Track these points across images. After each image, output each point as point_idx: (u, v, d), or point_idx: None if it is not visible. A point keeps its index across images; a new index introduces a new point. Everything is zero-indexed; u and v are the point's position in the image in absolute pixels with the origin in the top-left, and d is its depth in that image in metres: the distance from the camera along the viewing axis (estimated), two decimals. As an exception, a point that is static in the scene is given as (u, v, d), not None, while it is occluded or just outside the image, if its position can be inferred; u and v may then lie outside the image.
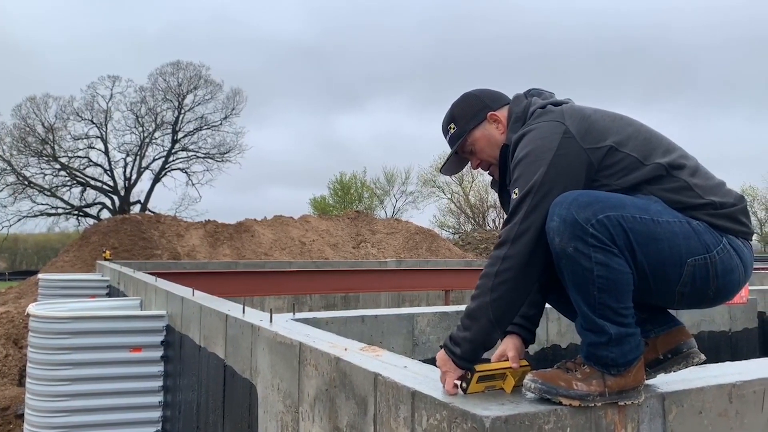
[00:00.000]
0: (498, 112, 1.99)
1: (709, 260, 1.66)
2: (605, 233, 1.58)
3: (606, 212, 1.59)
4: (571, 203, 1.60)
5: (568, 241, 1.58)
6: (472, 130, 1.99)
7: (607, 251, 1.57)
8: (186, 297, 4.67)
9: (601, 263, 1.57)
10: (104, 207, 34.89)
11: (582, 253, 1.57)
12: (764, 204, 46.95)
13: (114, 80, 34.50)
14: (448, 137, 2.05)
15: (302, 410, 2.53)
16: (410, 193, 44.76)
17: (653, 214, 1.65)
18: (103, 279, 9.82)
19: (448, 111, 2.07)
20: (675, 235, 1.64)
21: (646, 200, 1.69)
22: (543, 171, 1.68)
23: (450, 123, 2.04)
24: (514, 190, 1.71)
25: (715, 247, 1.67)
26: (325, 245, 20.58)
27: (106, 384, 5.06)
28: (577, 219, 1.58)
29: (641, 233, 1.61)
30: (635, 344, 1.63)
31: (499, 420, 1.51)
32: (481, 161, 2.03)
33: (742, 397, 1.90)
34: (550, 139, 1.73)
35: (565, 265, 1.61)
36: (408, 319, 3.90)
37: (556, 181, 1.67)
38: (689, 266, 1.64)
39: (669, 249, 1.63)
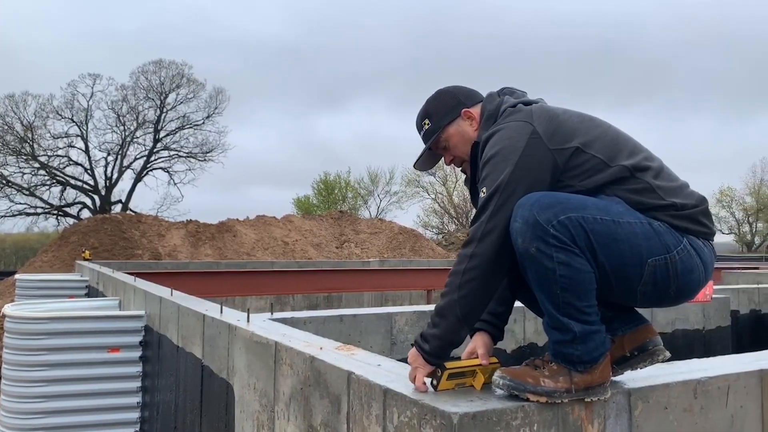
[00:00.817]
0: (472, 110, 2.01)
1: (669, 260, 1.70)
2: (566, 234, 1.61)
3: (567, 213, 1.62)
4: (533, 204, 1.63)
5: (531, 241, 1.61)
6: (446, 126, 2.02)
7: (568, 251, 1.61)
8: (164, 297, 4.64)
9: (563, 263, 1.60)
10: (84, 206, 34.47)
11: (544, 254, 1.60)
12: (742, 205, 47.72)
13: (95, 78, 34.13)
14: (422, 133, 2.07)
15: (278, 409, 2.54)
16: (394, 193, 44.84)
17: (614, 215, 1.68)
18: (82, 279, 9.71)
19: (423, 107, 2.09)
20: (636, 235, 1.67)
21: (608, 201, 1.72)
22: (509, 171, 1.71)
23: (424, 119, 2.06)
24: (482, 188, 1.74)
25: (676, 248, 1.71)
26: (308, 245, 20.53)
27: (84, 385, 5.02)
28: (538, 220, 1.61)
29: (602, 234, 1.64)
30: (600, 341, 1.66)
31: (467, 416, 1.53)
32: (454, 157, 2.05)
33: (706, 392, 1.95)
34: (518, 139, 1.76)
35: (528, 265, 1.64)
36: (386, 318, 3.92)
37: (521, 181, 1.70)
38: (650, 266, 1.68)
39: (630, 249, 1.66)
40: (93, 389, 5.04)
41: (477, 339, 1.90)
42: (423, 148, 2.08)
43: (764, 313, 6.31)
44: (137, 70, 34.91)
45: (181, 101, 35.50)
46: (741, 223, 48.12)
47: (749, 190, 47.28)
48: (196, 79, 35.62)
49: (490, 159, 1.76)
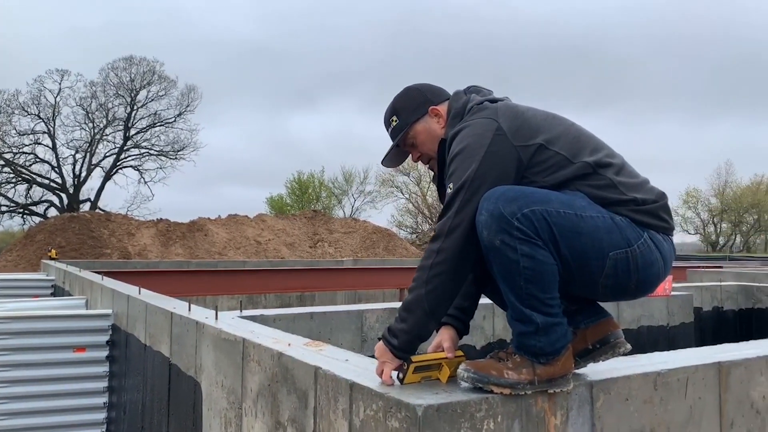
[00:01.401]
0: (439, 107, 2.03)
1: (630, 254, 1.73)
2: (530, 226, 1.64)
3: (531, 206, 1.65)
4: (498, 198, 1.66)
5: (495, 234, 1.64)
6: (414, 123, 2.03)
7: (532, 243, 1.64)
8: (132, 295, 4.58)
9: (526, 255, 1.63)
10: (51, 205, 33.74)
11: (508, 246, 1.63)
12: (707, 206, 48.91)
13: (62, 74, 33.44)
14: (390, 129, 2.08)
15: (245, 406, 2.53)
16: (368, 193, 44.79)
17: (577, 209, 1.71)
18: (47, 278, 9.51)
19: (391, 104, 2.10)
20: (598, 229, 1.71)
21: (571, 196, 1.75)
22: (474, 167, 1.73)
23: (392, 115, 2.07)
24: (449, 184, 1.76)
25: (636, 241, 1.75)
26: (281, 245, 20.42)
27: (49, 385, 4.92)
28: (503, 213, 1.63)
29: (565, 227, 1.67)
30: (562, 333, 1.69)
31: (432, 408, 1.54)
32: (422, 154, 2.06)
33: (666, 384, 1.99)
34: (483, 136, 1.78)
35: (493, 257, 1.67)
36: (357, 315, 3.93)
37: (486, 178, 1.72)
38: (611, 259, 1.72)
39: (591, 242, 1.70)
40: (59, 390, 4.94)
41: (443, 333, 1.92)
42: (391, 145, 2.09)
43: (726, 310, 6.49)
44: (107, 66, 34.34)
45: (152, 98, 35.03)
46: (706, 224, 49.34)
47: (714, 192, 48.55)
48: (167, 76, 35.19)
49: (457, 155, 1.78)
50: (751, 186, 47.47)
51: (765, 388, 2.24)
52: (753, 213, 46.87)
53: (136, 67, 34.61)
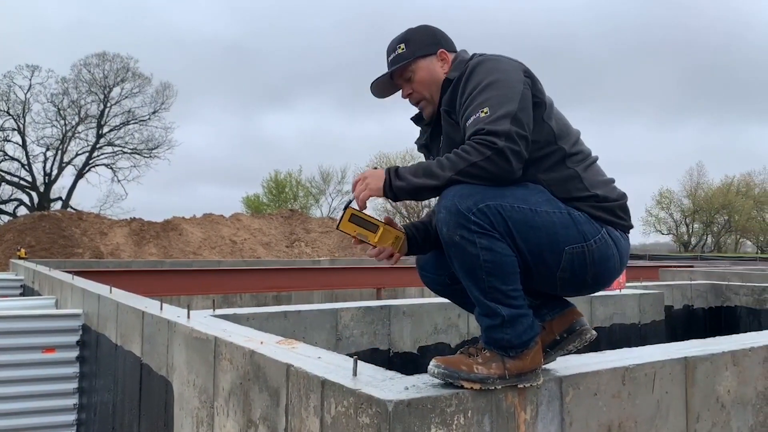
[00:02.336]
0: (448, 54, 2.02)
1: (587, 248, 1.78)
2: (485, 220, 1.67)
3: (486, 201, 1.68)
4: (454, 195, 1.69)
5: (454, 229, 1.66)
6: (420, 57, 1.99)
7: (490, 236, 1.67)
8: (103, 295, 4.50)
9: (485, 248, 1.66)
10: (21, 203, 33.01)
11: (467, 240, 1.66)
12: (679, 206, 49.84)
13: (33, 70, 32.76)
14: (392, 56, 2.01)
15: (217, 405, 2.50)
16: (346, 192, 44.69)
17: (532, 204, 1.75)
18: (16, 278, 9.30)
19: (402, 33, 2.04)
20: (553, 224, 1.75)
21: (527, 191, 1.78)
22: (517, 101, 1.74)
23: (401, 43, 2.01)
24: (483, 109, 1.73)
25: (593, 237, 1.80)
26: (257, 244, 20.27)
27: (17, 387, 4.80)
28: (459, 209, 1.66)
29: (519, 221, 1.71)
30: (528, 325, 1.72)
31: (402, 404, 1.55)
32: (413, 92, 2.01)
33: (634, 379, 2.03)
34: (515, 73, 1.81)
35: (454, 253, 1.69)
36: (331, 314, 3.91)
37: (526, 109, 1.75)
38: (567, 254, 1.76)
39: (547, 236, 1.74)
40: (27, 391, 4.82)
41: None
42: (387, 71, 2.02)
43: (696, 308, 6.62)
44: (79, 62, 33.73)
45: (126, 96, 34.49)
46: (678, 224, 50.27)
47: (686, 193, 49.48)
48: (141, 73, 34.68)
49: (490, 84, 1.77)
50: (721, 187, 48.51)
51: (730, 382, 2.29)
52: (723, 214, 47.90)
53: (109, 63, 34.09)
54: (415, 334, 4.16)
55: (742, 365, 2.33)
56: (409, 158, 43.68)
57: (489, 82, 1.78)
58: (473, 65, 1.87)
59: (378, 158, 44.40)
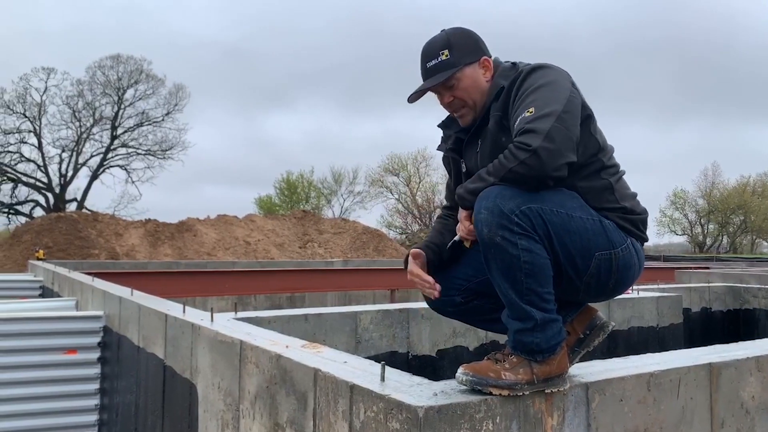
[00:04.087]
0: (490, 61, 2.02)
1: (614, 255, 1.84)
2: (527, 222, 1.70)
3: (528, 204, 1.71)
4: (496, 196, 1.71)
5: (496, 230, 1.68)
6: (466, 65, 1.97)
7: (530, 238, 1.70)
8: (124, 297, 4.56)
9: (526, 249, 1.69)
10: (37, 205, 33.41)
11: (509, 241, 1.68)
12: (694, 207, 49.41)
13: (49, 72, 33.13)
14: (434, 62, 1.96)
15: (243, 408, 2.54)
16: (358, 193, 44.82)
17: (568, 210, 1.79)
18: (35, 279, 9.42)
19: (443, 37, 1.99)
20: (586, 230, 1.80)
21: (563, 196, 1.82)
22: (562, 104, 1.76)
23: (444, 48, 1.96)
24: (528, 109, 1.76)
25: (620, 245, 1.86)
26: (270, 245, 20.37)
27: (40, 388, 4.87)
28: (502, 210, 1.69)
29: (557, 225, 1.75)
30: (557, 330, 1.75)
31: (432, 410, 1.57)
32: (455, 99, 1.99)
33: (659, 385, 2.04)
34: (565, 80, 1.85)
35: (493, 254, 1.71)
36: (351, 317, 3.94)
37: (572, 115, 1.78)
38: (596, 259, 1.81)
39: (580, 241, 1.78)
40: (49, 392, 4.90)
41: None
42: (431, 78, 1.97)
43: (714, 310, 6.58)
44: (94, 64, 34.06)
45: (139, 97, 34.80)
46: (693, 225, 49.84)
47: (701, 193, 49.05)
48: (155, 75, 34.96)
49: (541, 87, 1.80)
50: (737, 187, 48.04)
51: (754, 388, 2.28)
52: (739, 214, 47.43)
53: (123, 65, 34.41)
54: (434, 337, 4.18)
55: (766, 371, 2.32)
56: (420, 158, 43.72)
57: (539, 85, 1.82)
58: (526, 71, 1.89)
59: (390, 159, 44.44)
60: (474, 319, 2.14)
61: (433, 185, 43.69)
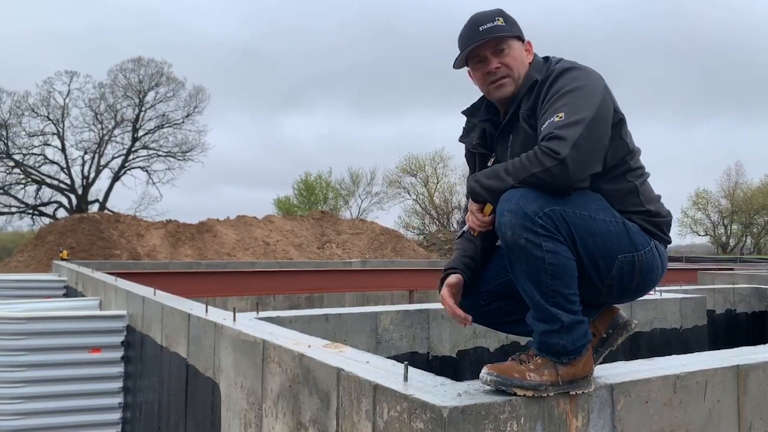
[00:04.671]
0: (532, 45, 2.04)
1: (637, 258, 1.82)
2: (551, 224, 1.69)
3: (551, 206, 1.70)
4: (519, 198, 1.70)
5: (520, 232, 1.68)
6: (517, 38, 1.99)
7: (555, 239, 1.69)
8: (147, 297, 4.62)
9: (551, 251, 1.68)
10: (61, 206, 33.97)
11: (533, 243, 1.67)
12: (717, 207, 48.65)
13: (71, 76, 33.66)
14: (489, 25, 1.95)
15: (265, 407, 2.56)
16: (375, 194, 44.85)
17: (591, 212, 1.78)
18: (59, 279, 9.57)
19: (496, 9, 2.01)
20: (609, 232, 1.79)
21: (586, 198, 1.80)
22: (593, 110, 1.75)
23: (499, 16, 1.98)
24: (558, 113, 1.75)
25: (643, 248, 1.84)
26: (289, 245, 20.47)
27: (64, 386, 4.96)
28: (526, 212, 1.68)
29: (580, 227, 1.74)
30: (584, 332, 1.74)
31: (457, 410, 1.57)
32: (501, 66, 1.96)
33: (685, 387, 2.01)
34: (598, 85, 1.84)
35: (517, 257, 1.70)
36: (371, 317, 3.95)
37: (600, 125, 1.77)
38: (619, 261, 1.80)
39: (603, 243, 1.77)
40: (74, 390, 4.99)
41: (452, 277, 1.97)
42: (485, 38, 1.94)
43: (738, 312, 6.47)
44: (115, 67, 34.52)
45: (160, 100, 35.19)
46: (716, 225, 49.07)
47: (724, 193, 48.26)
48: (175, 77, 35.34)
49: (573, 90, 1.79)
50: (761, 187, 47.19)
51: (783, 390, 2.24)
52: (764, 214, 46.58)
53: (144, 68, 34.83)
54: (454, 338, 4.17)
55: (795, 374, 2.28)
56: (438, 159, 43.64)
57: (571, 89, 1.80)
58: (559, 71, 1.87)
59: (407, 160, 44.41)
60: (494, 322, 2.13)
61: (450, 186, 43.62)
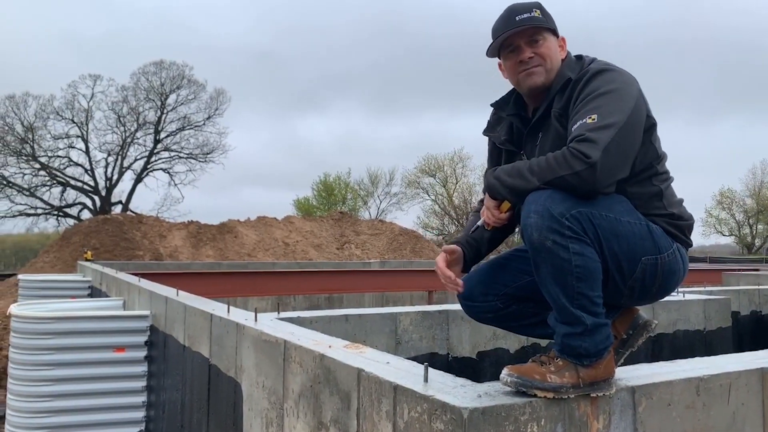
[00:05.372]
0: (566, 42, 2.03)
1: (660, 260, 1.82)
2: (578, 225, 1.69)
3: (578, 207, 1.70)
4: (545, 200, 1.69)
5: (547, 234, 1.67)
6: (552, 31, 1.98)
7: (582, 241, 1.68)
8: (170, 297, 4.69)
9: (578, 253, 1.67)
10: (85, 207, 34.50)
11: (560, 245, 1.67)
12: (742, 207, 47.75)
13: (95, 79, 34.18)
14: (526, 15, 1.93)
15: (287, 406, 2.58)
16: (394, 195, 44.84)
17: (617, 214, 1.78)
18: (84, 280, 9.74)
19: (534, 1, 1.99)
20: (634, 234, 1.79)
21: (610, 200, 1.80)
22: (626, 115, 1.74)
23: (536, 9, 1.96)
24: (591, 116, 1.73)
25: (666, 250, 1.84)
26: (308, 246, 20.57)
27: (89, 384, 5.05)
28: (553, 213, 1.67)
29: (606, 229, 1.74)
30: (606, 335, 1.74)
31: (477, 411, 1.57)
32: (535, 56, 1.94)
33: (708, 390, 1.99)
34: (632, 87, 1.82)
35: (543, 259, 1.69)
36: (391, 318, 3.96)
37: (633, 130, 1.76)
38: (642, 263, 1.80)
39: (627, 245, 1.77)
40: (99, 388, 5.07)
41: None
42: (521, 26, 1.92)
43: (764, 314, 6.36)
44: (138, 70, 34.99)
45: (181, 102, 35.57)
46: (741, 225, 48.16)
47: (749, 192, 47.34)
48: (196, 80, 35.70)
49: (607, 93, 1.78)
50: (789, 186, 46.23)
51: (810, 394, 2.21)
52: (790, 214, 45.63)
53: (166, 71, 35.23)
54: (474, 339, 4.17)
55: (822, 377, 2.24)
56: (457, 159, 43.49)
57: (605, 91, 1.78)
58: (594, 71, 1.86)
59: (426, 160, 44.33)
60: (512, 325, 2.13)
61: (470, 186, 43.42)
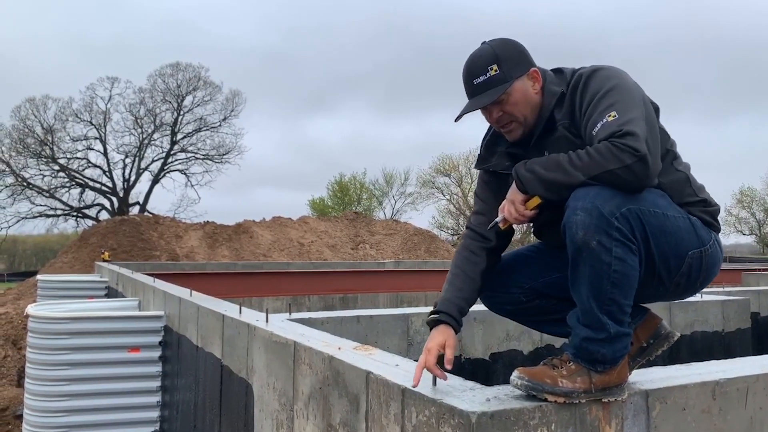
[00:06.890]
0: (538, 72, 1.88)
1: (703, 253, 1.76)
2: (627, 226, 1.62)
3: (627, 205, 1.63)
4: (594, 197, 1.61)
5: (593, 234, 1.59)
6: (516, 79, 1.83)
7: (626, 246, 1.62)
8: (183, 297, 4.71)
9: (619, 258, 1.61)
10: (103, 208, 34.93)
11: (604, 247, 1.60)
12: (762, 205, 46.96)
13: (113, 81, 34.60)
14: (482, 78, 1.83)
15: (297, 408, 2.58)
16: (409, 195, 44.80)
17: (662, 208, 1.71)
18: (101, 280, 9.85)
19: (488, 50, 1.86)
20: (680, 229, 1.72)
21: (653, 194, 1.73)
22: (642, 110, 1.70)
23: (492, 64, 1.83)
24: (609, 113, 1.67)
25: (708, 242, 1.78)
26: (323, 246, 20.61)
27: (105, 384, 5.10)
28: (602, 212, 1.60)
29: (655, 226, 1.67)
30: (625, 344, 1.69)
31: (485, 416, 1.55)
32: (504, 114, 1.86)
33: (725, 394, 1.95)
34: (629, 79, 1.78)
35: (583, 259, 1.62)
36: (403, 319, 3.94)
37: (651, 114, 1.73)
38: (689, 258, 1.74)
39: (675, 241, 1.71)
40: (114, 388, 5.12)
41: (445, 332, 1.88)
42: (481, 96, 1.83)
43: (785, 315, 6.23)
44: (155, 72, 35.36)
45: (197, 104, 35.88)
46: (762, 224, 47.38)
47: (770, 190, 46.51)
48: (212, 81, 35.98)
49: (611, 90, 1.72)
50: (810, 184, 45.37)
51: (831, 399, 2.15)
52: (812, 212, 44.80)
53: (182, 73, 35.56)
54: (487, 341, 4.13)
55: (844, 381, 2.18)
56: (472, 159, 43.31)
57: (609, 88, 1.73)
58: (587, 74, 1.80)
59: (440, 160, 44.22)
60: (531, 320, 2.08)
61: (486, 185, 43.12)
